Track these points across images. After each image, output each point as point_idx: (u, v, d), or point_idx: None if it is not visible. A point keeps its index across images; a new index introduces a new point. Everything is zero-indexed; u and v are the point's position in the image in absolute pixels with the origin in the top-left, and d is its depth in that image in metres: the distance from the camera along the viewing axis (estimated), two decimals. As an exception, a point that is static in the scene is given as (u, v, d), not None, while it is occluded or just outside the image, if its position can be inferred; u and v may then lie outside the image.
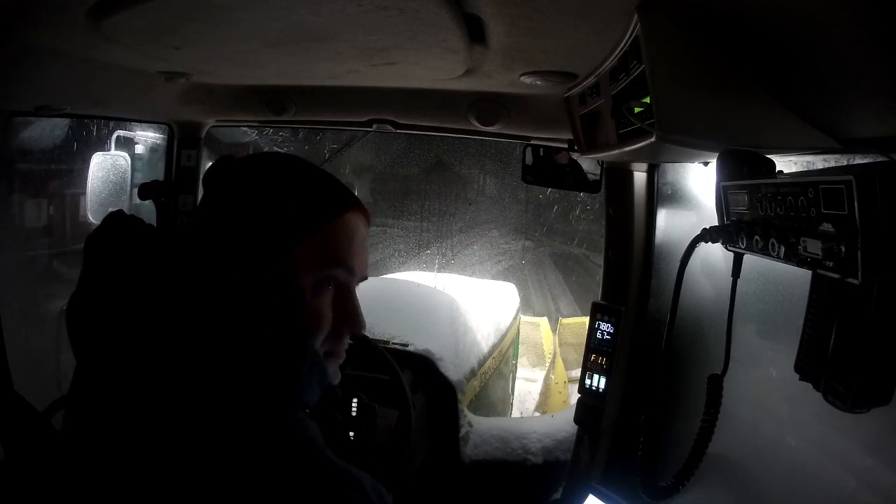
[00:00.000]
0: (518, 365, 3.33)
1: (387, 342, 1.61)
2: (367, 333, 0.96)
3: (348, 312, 0.57)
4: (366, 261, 0.60)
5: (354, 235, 0.57)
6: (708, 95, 0.64)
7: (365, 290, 0.60)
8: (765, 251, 0.58)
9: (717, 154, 0.68)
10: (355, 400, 1.28)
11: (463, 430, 1.63)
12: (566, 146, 1.33)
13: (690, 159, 1.01)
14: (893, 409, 0.51)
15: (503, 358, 2.45)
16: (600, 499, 1.00)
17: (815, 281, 0.55)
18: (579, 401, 1.34)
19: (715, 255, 0.97)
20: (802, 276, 0.54)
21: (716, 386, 0.75)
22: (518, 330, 3.15)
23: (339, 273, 0.56)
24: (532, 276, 9.85)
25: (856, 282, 0.45)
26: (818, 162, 0.71)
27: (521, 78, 1.00)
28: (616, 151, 0.90)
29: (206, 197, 0.58)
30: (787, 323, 0.77)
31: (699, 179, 1.11)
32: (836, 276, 0.47)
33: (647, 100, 0.70)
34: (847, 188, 0.44)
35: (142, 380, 0.46)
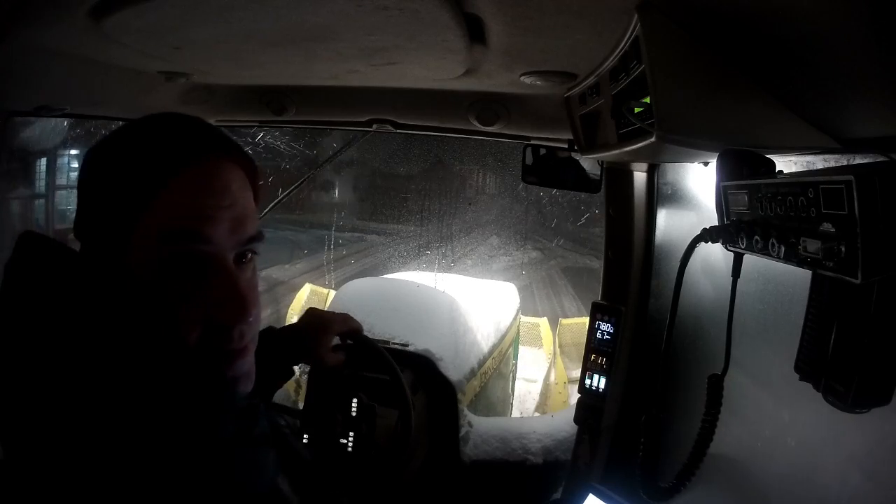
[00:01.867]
0: (518, 365, 3.33)
1: (387, 342, 1.61)
2: (367, 333, 0.96)
3: (219, 294, 0.45)
4: (245, 219, 0.47)
5: (212, 193, 0.45)
6: (708, 95, 0.64)
7: (365, 290, 0.57)
8: (765, 251, 0.58)
9: (717, 154, 0.68)
10: (355, 400, 1.28)
11: (463, 430, 1.63)
12: (566, 146, 1.33)
13: (690, 159, 1.01)
14: (893, 409, 0.51)
15: (503, 358, 2.45)
16: (600, 498, 0.99)
17: (815, 281, 0.55)
18: (579, 401, 1.34)
19: (715, 255, 0.97)
20: (802, 276, 0.54)
21: (716, 386, 0.75)
22: (518, 330, 3.15)
23: (196, 246, 0.44)
24: (542, 299, 7.94)
25: (856, 282, 0.45)
26: (818, 162, 0.71)
27: (521, 78, 1.00)
28: (616, 151, 0.90)
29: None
30: (787, 323, 0.77)
31: (699, 179, 1.11)
32: (836, 276, 0.47)
33: (647, 100, 0.69)
34: (847, 188, 0.44)
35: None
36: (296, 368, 0.90)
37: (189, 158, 0.45)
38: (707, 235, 0.71)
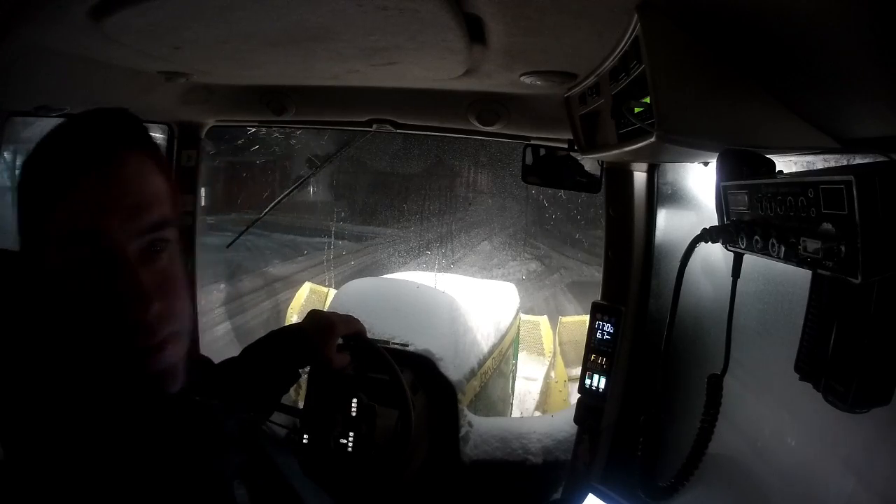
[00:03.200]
0: (518, 364, 3.33)
1: (387, 342, 1.61)
2: (367, 333, 0.96)
3: (118, 290, 0.44)
4: (143, 206, 0.46)
5: (104, 188, 0.44)
6: (708, 95, 0.64)
7: (365, 290, 0.56)
8: (765, 251, 0.58)
9: (717, 154, 0.68)
10: (355, 400, 1.28)
11: (463, 430, 1.63)
12: (566, 146, 1.33)
13: (690, 159, 1.01)
14: (893, 409, 0.51)
15: (503, 358, 2.45)
16: (600, 498, 0.99)
17: (815, 281, 0.55)
18: (579, 401, 1.34)
19: (715, 255, 0.97)
20: (802, 276, 0.54)
21: (715, 386, 0.75)
22: (518, 329, 3.14)
23: (91, 245, 0.44)
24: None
25: (856, 281, 0.45)
26: (818, 162, 0.71)
27: (521, 78, 1.00)
28: (616, 151, 0.90)
29: None
30: (787, 323, 0.77)
31: (699, 179, 1.11)
32: (836, 275, 0.47)
33: (647, 100, 0.70)
34: (847, 188, 0.44)
35: None
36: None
37: (82, 160, 0.45)
38: (707, 235, 0.71)
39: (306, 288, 4.72)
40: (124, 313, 0.44)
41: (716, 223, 0.70)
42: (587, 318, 1.35)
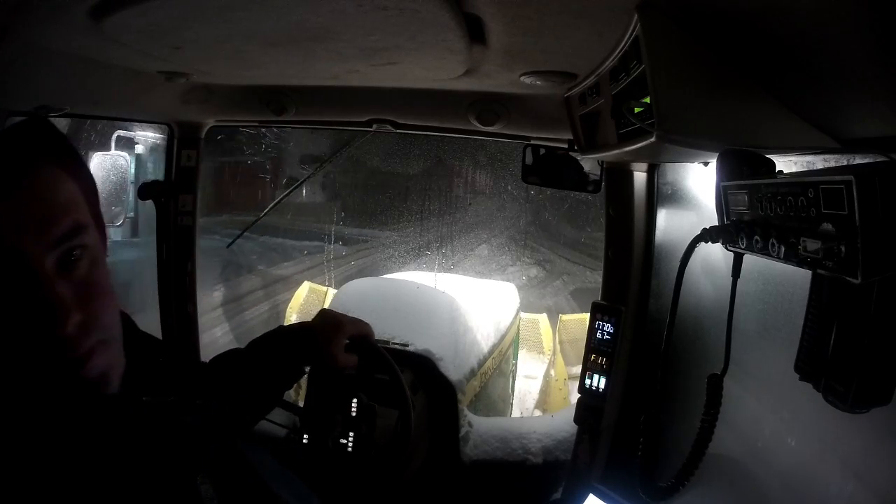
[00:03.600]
0: (518, 363, 3.33)
1: (387, 342, 1.61)
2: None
3: (34, 305, 0.43)
4: (51, 217, 0.45)
5: (13, 203, 0.44)
6: (708, 95, 0.64)
7: (365, 290, 0.56)
8: (765, 251, 0.58)
9: (717, 154, 0.68)
10: (355, 400, 1.28)
11: (463, 430, 1.63)
12: (566, 146, 1.33)
13: (690, 159, 1.01)
14: (893, 409, 0.51)
15: (503, 357, 2.45)
16: (601, 498, 1.00)
17: (815, 281, 0.55)
18: (579, 401, 1.34)
19: (715, 255, 0.97)
20: (802, 276, 0.54)
21: (715, 386, 0.75)
22: (518, 329, 3.15)
23: (6, 263, 0.43)
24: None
25: (856, 281, 0.45)
26: (818, 162, 0.71)
27: (521, 78, 1.00)
28: (616, 151, 0.90)
29: None
30: (787, 323, 0.77)
31: (699, 179, 1.11)
32: (836, 275, 0.47)
33: (647, 100, 0.70)
34: (847, 188, 0.44)
35: None
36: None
37: None
38: (707, 235, 0.71)
39: (305, 287, 4.71)
40: (45, 328, 0.43)
41: (716, 223, 0.70)
42: (587, 316, 1.35)
